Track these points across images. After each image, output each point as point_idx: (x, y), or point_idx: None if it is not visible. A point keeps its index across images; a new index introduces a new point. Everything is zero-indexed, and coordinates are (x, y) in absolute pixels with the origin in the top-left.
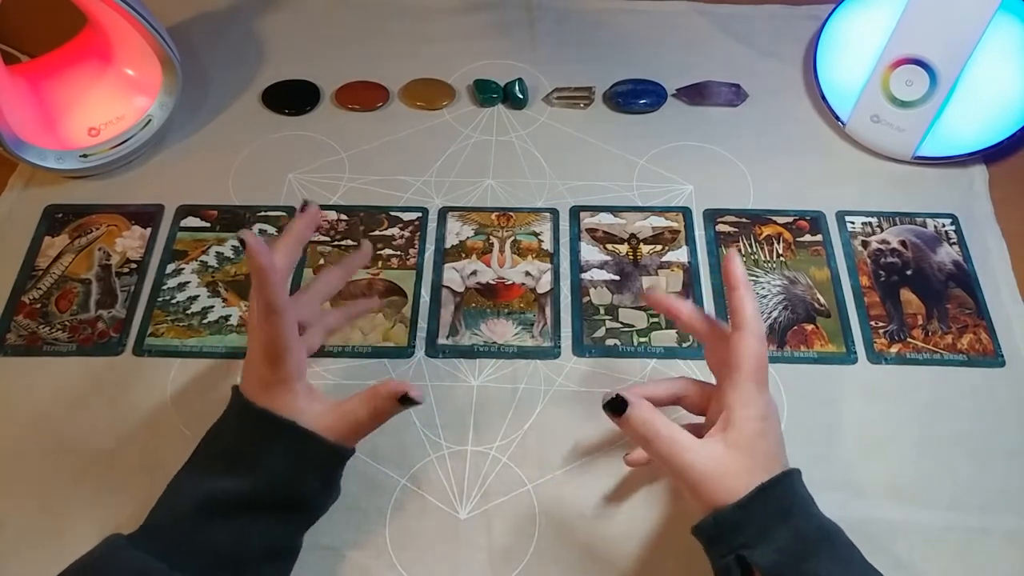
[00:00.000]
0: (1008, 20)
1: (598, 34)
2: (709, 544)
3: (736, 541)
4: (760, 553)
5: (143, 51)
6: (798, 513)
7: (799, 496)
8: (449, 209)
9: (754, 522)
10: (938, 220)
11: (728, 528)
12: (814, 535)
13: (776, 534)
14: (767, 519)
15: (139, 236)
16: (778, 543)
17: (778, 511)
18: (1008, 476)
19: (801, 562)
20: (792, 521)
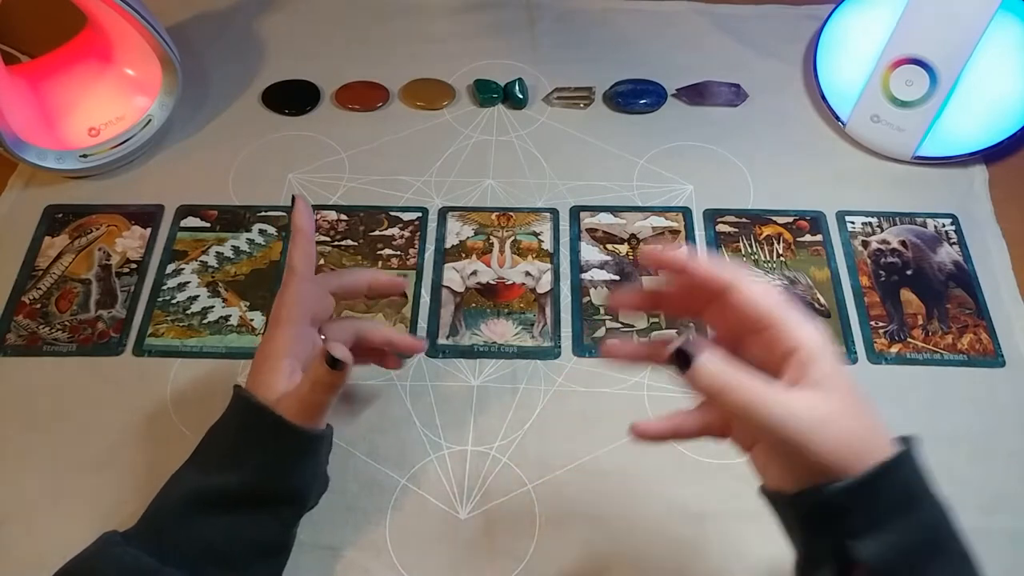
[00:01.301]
0: (1008, 20)
1: (598, 34)
2: (803, 522)
3: (843, 526)
4: (868, 545)
5: (143, 51)
6: (928, 501)
7: (927, 478)
8: (449, 209)
9: (872, 506)
10: (938, 220)
11: (836, 509)
12: (940, 531)
13: (894, 524)
14: (889, 505)
15: (139, 236)
16: (895, 536)
17: (903, 496)
18: (1008, 476)
19: (918, 564)
20: (917, 511)
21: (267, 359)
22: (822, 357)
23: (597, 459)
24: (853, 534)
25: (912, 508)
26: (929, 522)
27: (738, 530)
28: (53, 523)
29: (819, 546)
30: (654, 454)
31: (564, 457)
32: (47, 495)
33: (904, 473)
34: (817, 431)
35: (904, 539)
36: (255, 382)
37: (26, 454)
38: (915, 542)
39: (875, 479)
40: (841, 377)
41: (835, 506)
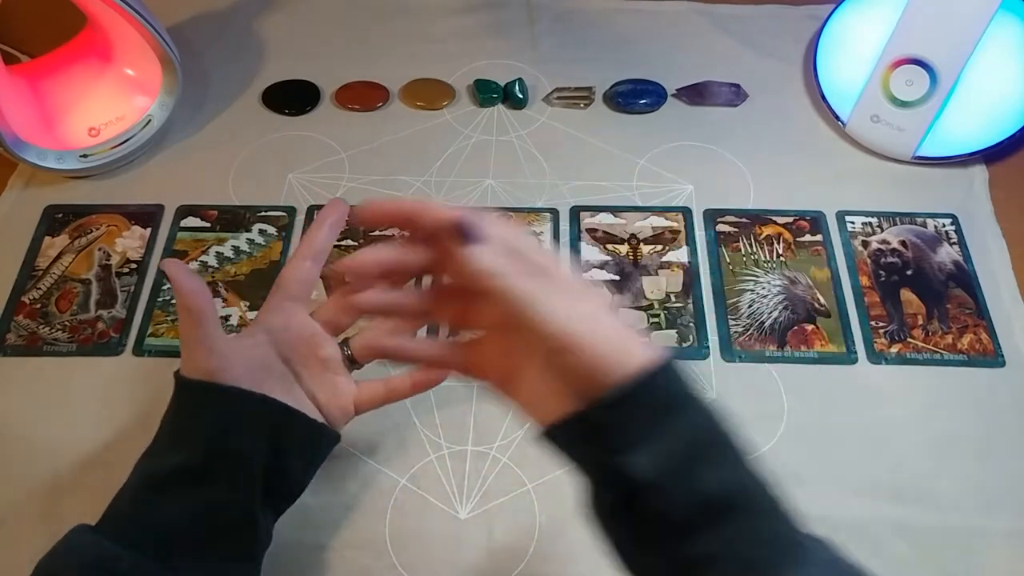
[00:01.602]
0: (1008, 20)
1: (598, 34)
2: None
3: (612, 443)
4: (638, 461)
5: (143, 51)
6: (693, 406)
7: (691, 384)
8: None
9: (637, 417)
10: (938, 220)
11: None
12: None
13: (662, 436)
14: (653, 413)
15: (139, 236)
16: (664, 444)
17: (667, 402)
18: (1008, 476)
19: (687, 472)
20: (682, 415)
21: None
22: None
23: None
24: (622, 449)
25: (677, 413)
26: (696, 424)
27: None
28: (53, 523)
29: (596, 471)
30: None
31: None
32: (47, 495)
33: (664, 379)
34: (588, 325)
35: (672, 446)
36: (192, 365)
37: (26, 454)
38: (682, 447)
39: (638, 388)
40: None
41: (603, 423)
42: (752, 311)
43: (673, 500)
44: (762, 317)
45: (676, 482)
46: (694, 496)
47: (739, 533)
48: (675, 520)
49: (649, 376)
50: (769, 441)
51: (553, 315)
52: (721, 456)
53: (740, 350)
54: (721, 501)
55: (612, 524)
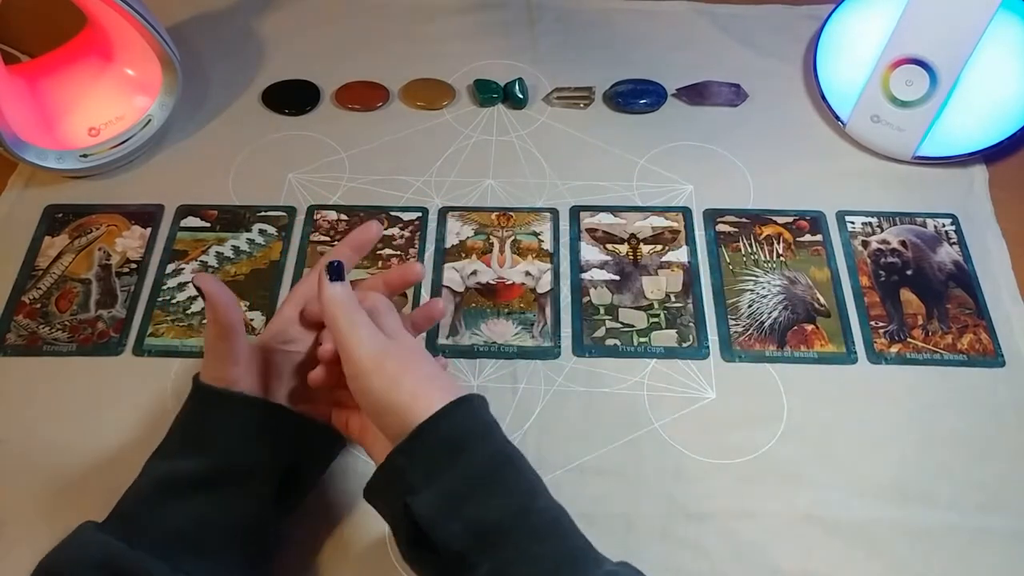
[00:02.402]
0: (1008, 20)
1: (598, 34)
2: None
3: (403, 486)
4: (423, 500)
5: (143, 51)
6: (474, 444)
7: (478, 423)
8: (449, 209)
9: (420, 462)
10: (938, 220)
11: (397, 469)
12: (489, 468)
13: (444, 472)
14: (434, 458)
15: (139, 236)
16: (444, 483)
17: (451, 445)
18: (1008, 476)
19: (463, 505)
20: (466, 454)
21: (226, 356)
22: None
23: (597, 459)
24: (410, 491)
25: (459, 452)
26: (478, 460)
27: (738, 530)
28: (53, 524)
29: (393, 515)
30: (654, 454)
31: (564, 457)
32: (47, 495)
33: (451, 423)
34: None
35: (451, 484)
36: (218, 374)
37: (26, 454)
38: (461, 484)
39: (423, 432)
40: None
41: (395, 467)
42: (752, 311)
43: (452, 533)
44: (762, 317)
45: (454, 516)
46: (471, 526)
47: (517, 554)
48: (456, 551)
49: (433, 421)
50: (769, 441)
51: (361, 350)
52: (499, 487)
53: (740, 350)
54: (497, 528)
55: (415, 563)
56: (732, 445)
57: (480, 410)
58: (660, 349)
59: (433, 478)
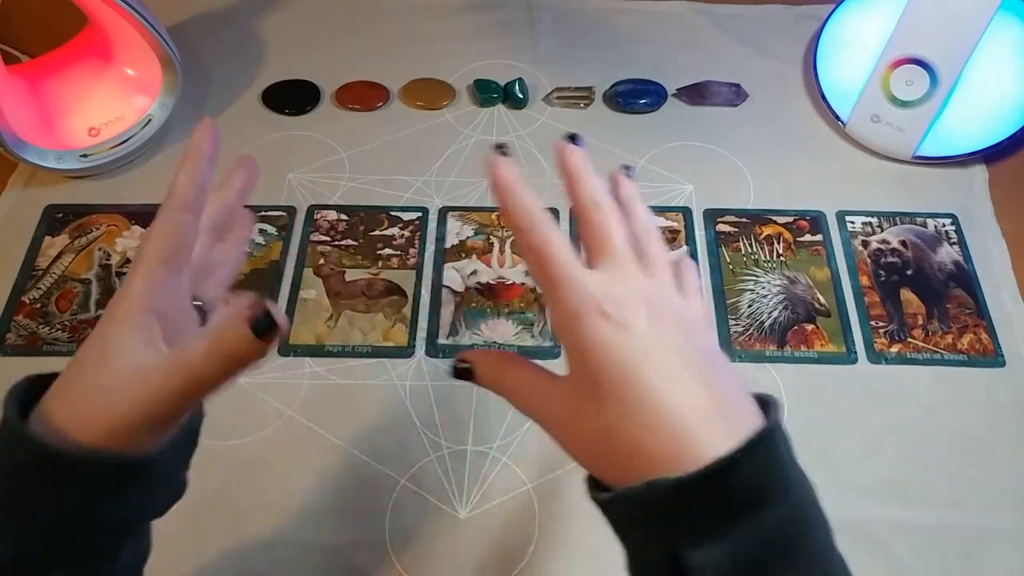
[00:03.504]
0: (1008, 20)
1: (598, 34)
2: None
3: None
4: (707, 557)
5: (143, 51)
6: (777, 495)
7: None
8: (449, 209)
9: (708, 509)
10: (938, 220)
11: (665, 510)
12: (791, 526)
13: (738, 528)
14: (729, 505)
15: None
16: (737, 541)
17: (749, 494)
18: (1008, 476)
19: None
20: (764, 509)
21: (114, 318)
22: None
23: None
24: (687, 540)
25: (760, 505)
26: (778, 520)
27: None
28: None
29: (647, 552)
30: None
31: (564, 457)
32: None
33: (752, 468)
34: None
35: (747, 545)
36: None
37: None
38: (758, 547)
39: (710, 478)
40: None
41: (664, 506)
42: (752, 311)
43: None
44: (762, 317)
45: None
46: None
47: None
48: None
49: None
50: None
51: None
52: (797, 555)
53: (740, 350)
54: None
55: None
56: None
57: (783, 447)
58: None
59: (723, 531)
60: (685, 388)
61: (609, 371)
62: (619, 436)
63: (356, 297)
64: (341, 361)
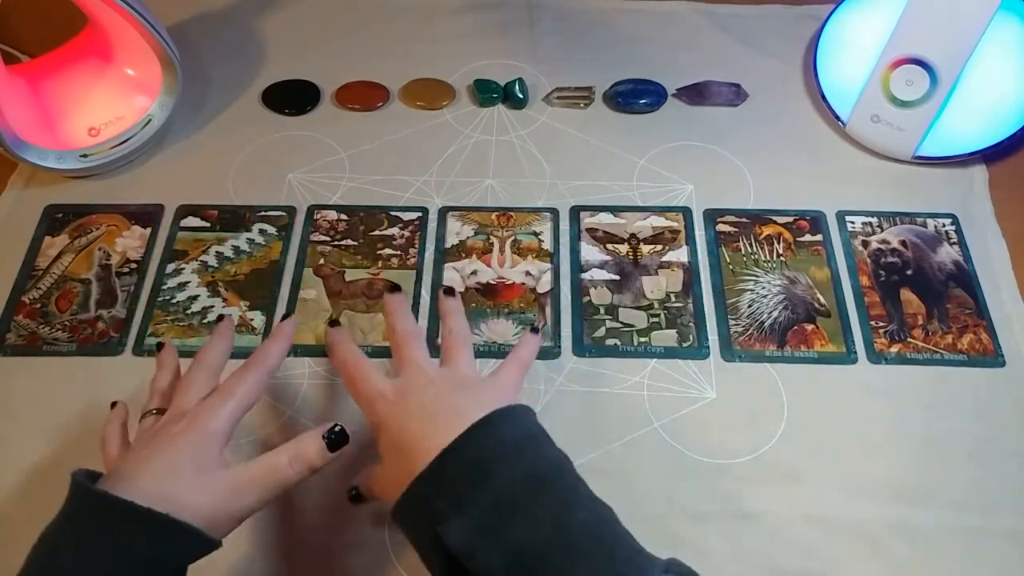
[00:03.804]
0: (1008, 20)
1: (598, 34)
2: (406, 525)
3: (430, 517)
4: (453, 529)
5: (143, 51)
6: (501, 466)
7: (503, 444)
8: (449, 209)
9: (446, 489)
10: (938, 220)
11: (420, 503)
12: (521, 489)
13: (472, 498)
14: (460, 482)
15: (139, 236)
16: (475, 509)
17: (474, 469)
18: (1008, 476)
19: (497, 532)
20: (492, 479)
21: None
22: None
23: (597, 459)
24: (439, 520)
25: (486, 475)
26: (508, 481)
27: (738, 530)
28: None
29: (424, 544)
30: (654, 454)
31: None
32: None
33: (472, 448)
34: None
35: (481, 510)
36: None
37: (26, 454)
38: (491, 509)
39: (439, 463)
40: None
41: (420, 496)
42: (752, 311)
43: (491, 563)
44: (762, 317)
45: (488, 543)
46: (508, 555)
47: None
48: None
49: (457, 445)
50: (769, 441)
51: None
52: (533, 508)
53: (740, 350)
54: (536, 552)
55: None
56: (732, 445)
57: (505, 427)
58: (660, 349)
59: (462, 505)
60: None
61: (390, 431)
62: (400, 471)
63: (356, 297)
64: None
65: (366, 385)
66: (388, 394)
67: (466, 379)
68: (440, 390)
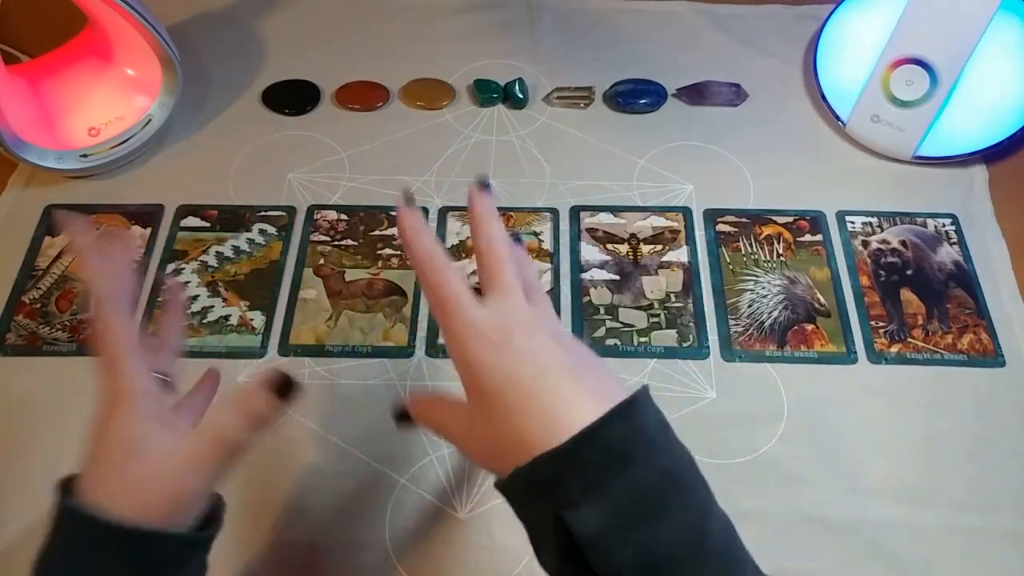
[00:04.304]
0: (1008, 20)
1: (598, 34)
2: (521, 501)
3: (556, 498)
4: (584, 516)
5: (143, 51)
6: (642, 456)
7: (646, 430)
8: (449, 209)
9: (580, 473)
10: (938, 220)
11: (546, 481)
12: (660, 484)
13: (609, 487)
14: (598, 468)
15: (139, 236)
16: (610, 499)
17: (616, 457)
18: (1008, 476)
19: (632, 527)
20: (632, 469)
21: (120, 400)
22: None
23: None
24: (567, 504)
25: (627, 464)
26: (647, 475)
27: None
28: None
29: (543, 524)
30: None
31: None
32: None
33: (615, 432)
34: (470, 436)
35: (618, 501)
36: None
37: (26, 454)
38: (628, 502)
39: (577, 444)
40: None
41: (546, 474)
42: (752, 311)
43: (620, 556)
44: (762, 317)
45: (621, 539)
46: (641, 555)
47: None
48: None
49: (601, 425)
50: (769, 441)
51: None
52: (669, 508)
53: (740, 350)
54: (672, 559)
55: (563, 574)
56: (732, 445)
57: (649, 414)
58: (660, 349)
59: (596, 492)
60: (555, 383)
61: (493, 382)
62: (505, 431)
63: (356, 297)
64: (341, 361)
65: (458, 313)
66: (488, 332)
67: (559, 329)
68: (548, 345)
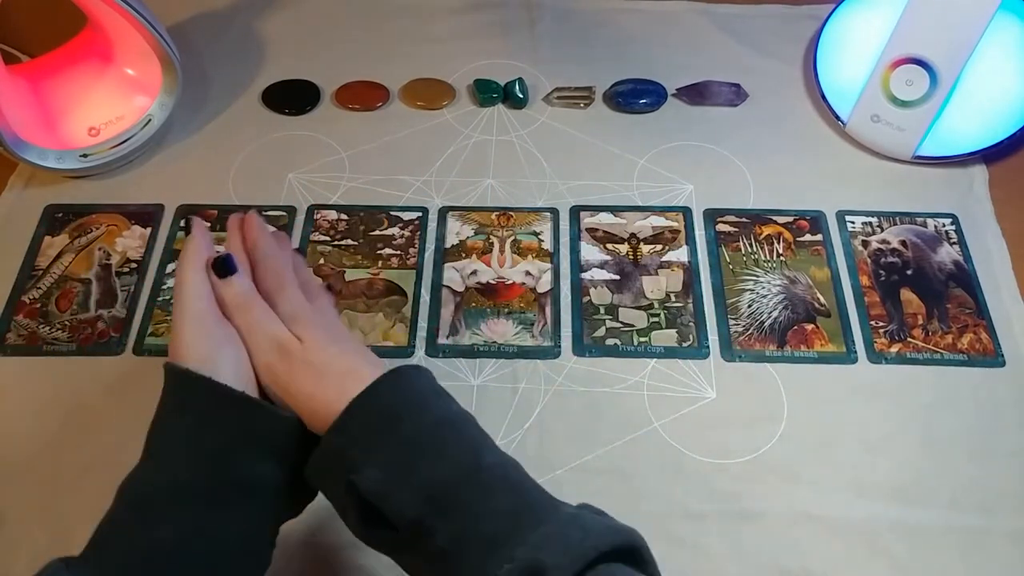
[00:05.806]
0: (1008, 20)
1: (598, 34)
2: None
3: (345, 466)
4: (367, 476)
5: (143, 51)
6: (412, 412)
7: (412, 393)
8: (449, 209)
9: (357, 439)
10: (938, 220)
11: (332, 454)
12: (431, 434)
13: (385, 444)
14: (371, 431)
15: (139, 236)
16: (386, 454)
17: (384, 417)
18: (1008, 476)
19: (408, 473)
20: (402, 424)
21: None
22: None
23: (597, 459)
24: (352, 469)
25: (395, 422)
26: (416, 427)
27: (738, 530)
28: (54, 523)
29: (338, 495)
30: (654, 454)
31: (564, 457)
32: (47, 495)
33: (382, 398)
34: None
35: (390, 455)
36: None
37: (26, 454)
38: (400, 454)
39: (348, 415)
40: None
41: (333, 447)
42: (752, 311)
43: (403, 502)
44: (762, 317)
45: (402, 486)
46: (420, 492)
47: (473, 512)
48: (410, 520)
49: (366, 394)
50: (769, 441)
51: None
52: (443, 450)
53: (740, 350)
54: (447, 490)
55: (371, 542)
56: (732, 445)
57: (416, 380)
58: (660, 349)
59: (373, 451)
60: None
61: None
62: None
63: (356, 297)
64: None
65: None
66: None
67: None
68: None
